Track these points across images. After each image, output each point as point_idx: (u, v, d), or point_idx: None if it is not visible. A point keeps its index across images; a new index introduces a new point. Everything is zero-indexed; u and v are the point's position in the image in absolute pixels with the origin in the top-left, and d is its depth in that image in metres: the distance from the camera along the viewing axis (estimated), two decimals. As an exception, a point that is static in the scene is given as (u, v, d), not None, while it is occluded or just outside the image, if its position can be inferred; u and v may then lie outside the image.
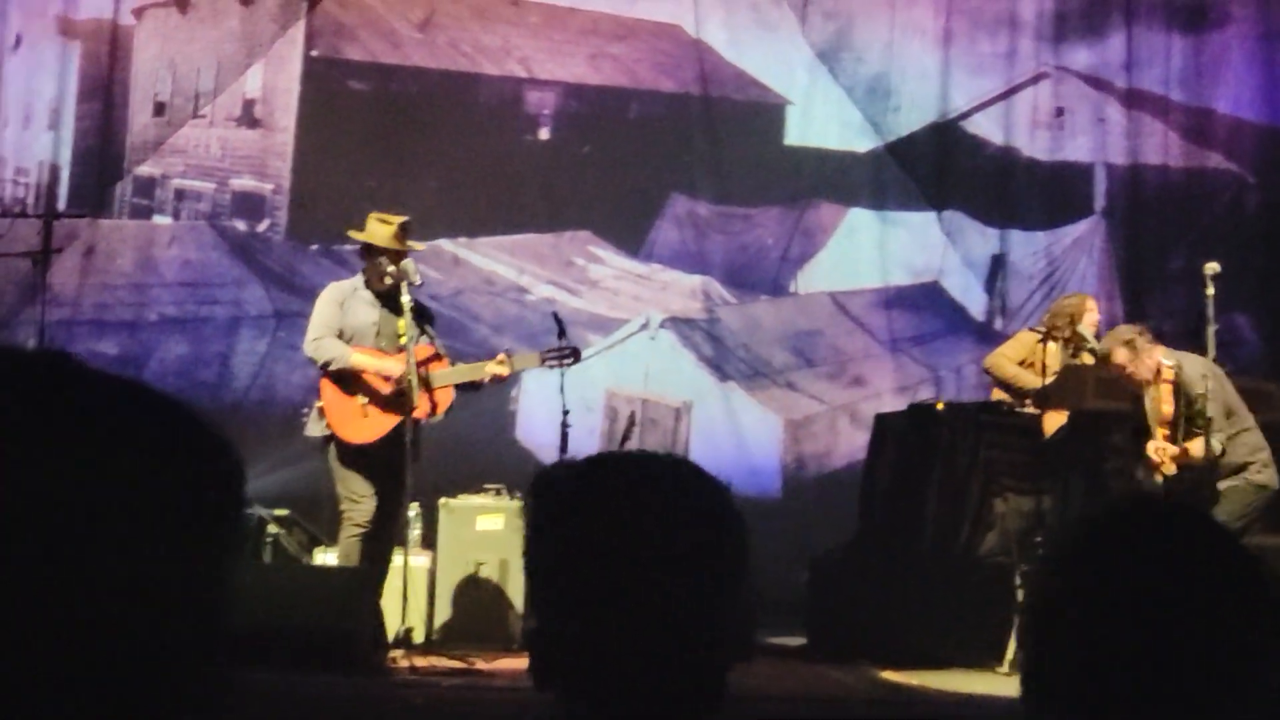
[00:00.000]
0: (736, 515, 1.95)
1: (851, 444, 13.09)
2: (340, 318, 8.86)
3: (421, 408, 8.68)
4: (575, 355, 9.27)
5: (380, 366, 8.72)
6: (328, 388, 8.81)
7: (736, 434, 13.48)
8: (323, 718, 6.63)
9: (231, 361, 12.99)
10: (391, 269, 8.73)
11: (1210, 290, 8.85)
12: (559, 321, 9.48)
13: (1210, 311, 8.81)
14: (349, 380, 8.75)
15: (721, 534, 1.90)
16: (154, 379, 12.60)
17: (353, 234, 9.14)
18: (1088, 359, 9.86)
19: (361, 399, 8.74)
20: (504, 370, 8.98)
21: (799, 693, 8.18)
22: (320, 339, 8.81)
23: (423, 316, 9.05)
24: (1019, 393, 10.04)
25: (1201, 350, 9.30)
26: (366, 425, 8.73)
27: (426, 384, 8.75)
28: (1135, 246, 13.91)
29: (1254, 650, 1.73)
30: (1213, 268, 8.93)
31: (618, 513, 1.85)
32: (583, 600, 1.81)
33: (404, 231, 8.96)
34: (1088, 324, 9.96)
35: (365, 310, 8.87)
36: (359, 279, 8.98)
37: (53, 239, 10.65)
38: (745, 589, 1.91)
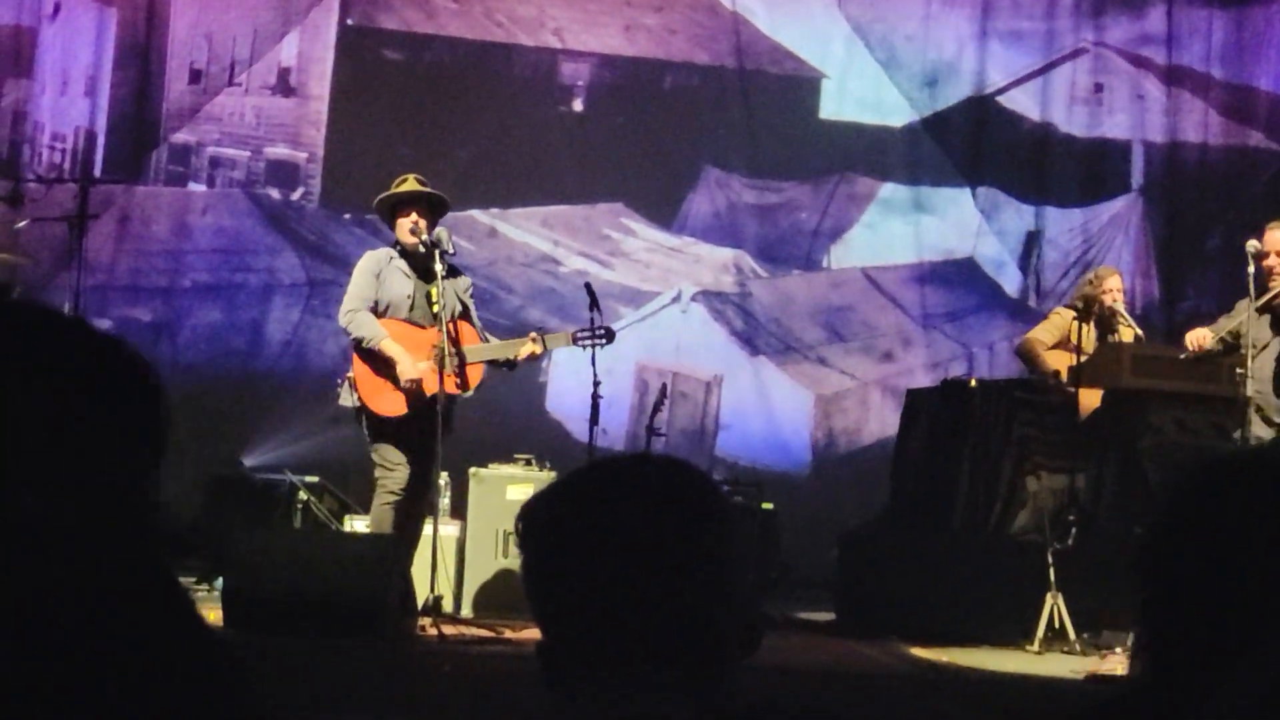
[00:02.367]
0: (723, 507, 1.94)
1: (882, 420, 13.07)
2: (375, 288, 8.84)
3: (451, 384, 8.66)
4: (609, 336, 9.23)
5: (405, 368, 8.66)
6: (359, 362, 8.80)
7: (767, 408, 13.47)
8: (351, 684, 6.63)
9: (264, 329, 13.02)
10: (424, 234, 8.69)
11: (1252, 269, 8.77)
12: (591, 294, 9.44)
13: (1253, 290, 8.73)
14: (380, 358, 8.73)
15: (708, 528, 1.90)
16: (187, 345, 12.69)
17: (376, 202, 9.08)
18: (1125, 335, 9.79)
19: (390, 377, 8.72)
20: (537, 349, 8.96)
21: (828, 668, 8.16)
22: (355, 312, 8.79)
23: (459, 282, 9.01)
24: (1046, 379, 9.97)
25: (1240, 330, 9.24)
26: (396, 399, 8.72)
27: (459, 359, 8.72)
28: (1173, 225, 13.84)
29: None
30: (1255, 246, 8.85)
31: (601, 525, 1.86)
32: (583, 613, 1.82)
33: (419, 182, 8.93)
34: (1110, 296, 9.86)
35: (400, 281, 8.84)
36: (394, 248, 8.95)
37: (88, 205, 10.68)
38: (743, 581, 1.93)
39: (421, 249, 8.73)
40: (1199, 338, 8.76)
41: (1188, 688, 1.78)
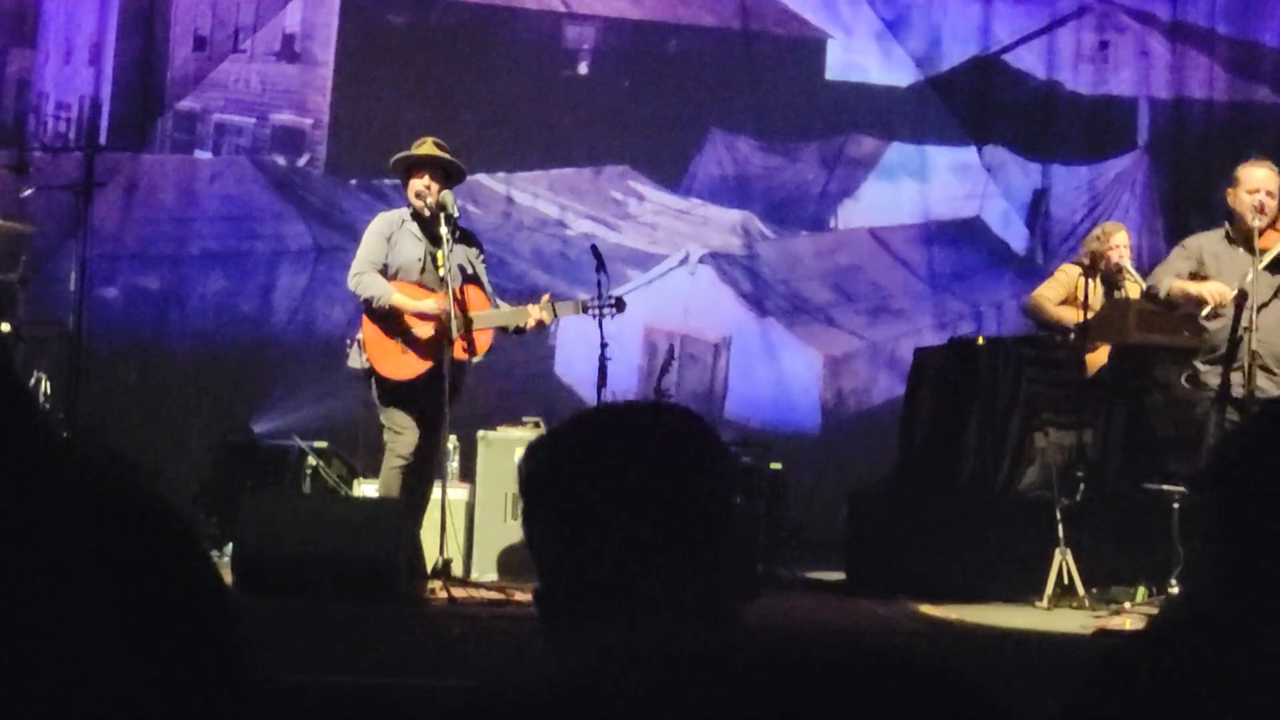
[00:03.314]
0: (723, 455, 1.95)
1: (891, 380, 13.07)
2: (385, 251, 8.84)
3: (459, 349, 8.65)
4: (619, 305, 9.23)
5: (419, 306, 8.69)
6: (368, 324, 8.81)
7: (776, 370, 13.47)
8: (360, 647, 6.66)
9: (272, 296, 13.02)
10: (431, 198, 8.69)
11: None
12: (598, 255, 9.43)
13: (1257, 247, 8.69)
14: (389, 318, 8.74)
15: (708, 475, 1.90)
16: (195, 313, 12.71)
17: (392, 162, 9.08)
18: (1132, 291, 9.77)
19: (400, 340, 8.73)
20: (546, 317, 8.97)
21: (838, 627, 8.17)
22: (362, 274, 8.80)
23: (470, 248, 9.01)
24: (1061, 332, 9.95)
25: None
26: (405, 363, 8.73)
27: (467, 324, 8.72)
28: (1178, 181, 13.80)
29: None
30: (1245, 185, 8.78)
31: (601, 468, 1.87)
32: (580, 557, 1.83)
33: (438, 147, 8.94)
34: (1117, 253, 9.83)
35: (411, 244, 8.84)
36: (407, 210, 8.94)
37: (94, 173, 10.69)
38: (741, 529, 1.94)
39: (427, 213, 8.73)
40: (1219, 294, 8.64)
41: (1258, 611, 1.78)
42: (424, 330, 8.71)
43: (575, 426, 1.96)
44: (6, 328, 10.10)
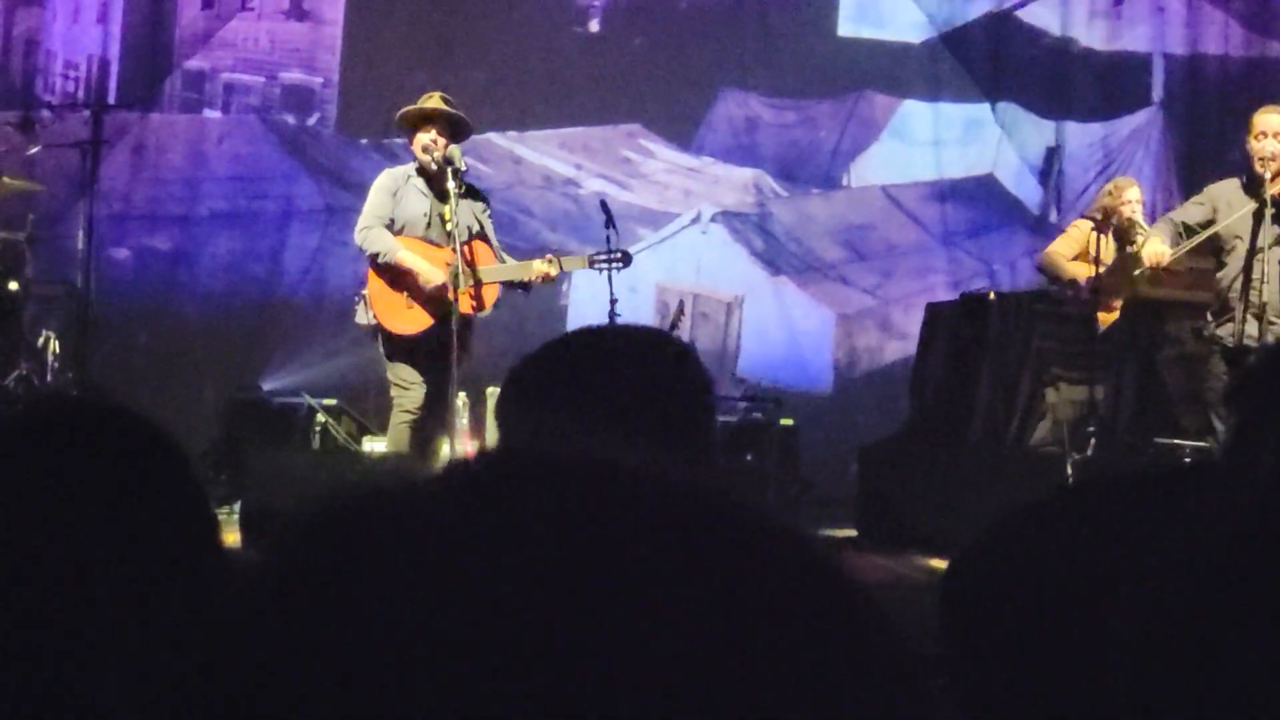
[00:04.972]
0: (702, 377, 1.91)
1: (904, 339, 13.01)
2: (392, 206, 8.81)
3: (466, 302, 8.63)
4: (625, 259, 9.19)
5: (425, 272, 8.64)
6: (374, 279, 8.78)
7: (788, 328, 13.44)
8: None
9: (283, 256, 13.00)
10: (437, 152, 8.65)
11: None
12: (607, 211, 9.41)
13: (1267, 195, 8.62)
14: (394, 273, 8.71)
15: (686, 396, 1.87)
16: (205, 274, 12.71)
17: (396, 118, 9.06)
18: (1142, 245, 9.72)
19: (406, 294, 8.70)
20: (552, 270, 8.93)
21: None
22: (369, 229, 8.77)
23: (476, 204, 8.98)
24: (1073, 287, 9.91)
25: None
26: (411, 317, 8.71)
27: (474, 279, 8.69)
28: (1193, 138, 13.72)
29: None
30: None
31: (579, 388, 1.83)
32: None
33: (445, 101, 8.91)
34: (1129, 208, 9.77)
35: (417, 200, 8.81)
36: (413, 166, 8.91)
37: (102, 132, 10.67)
38: (716, 451, 1.91)
39: (434, 167, 8.70)
40: (1156, 255, 8.59)
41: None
42: (426, 289, 8.69)
43: (555, 348, 1.92)
44: (15, 286, 10.11)
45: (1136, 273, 8.69)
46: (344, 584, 0.75)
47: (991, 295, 10.43)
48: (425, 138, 8.73)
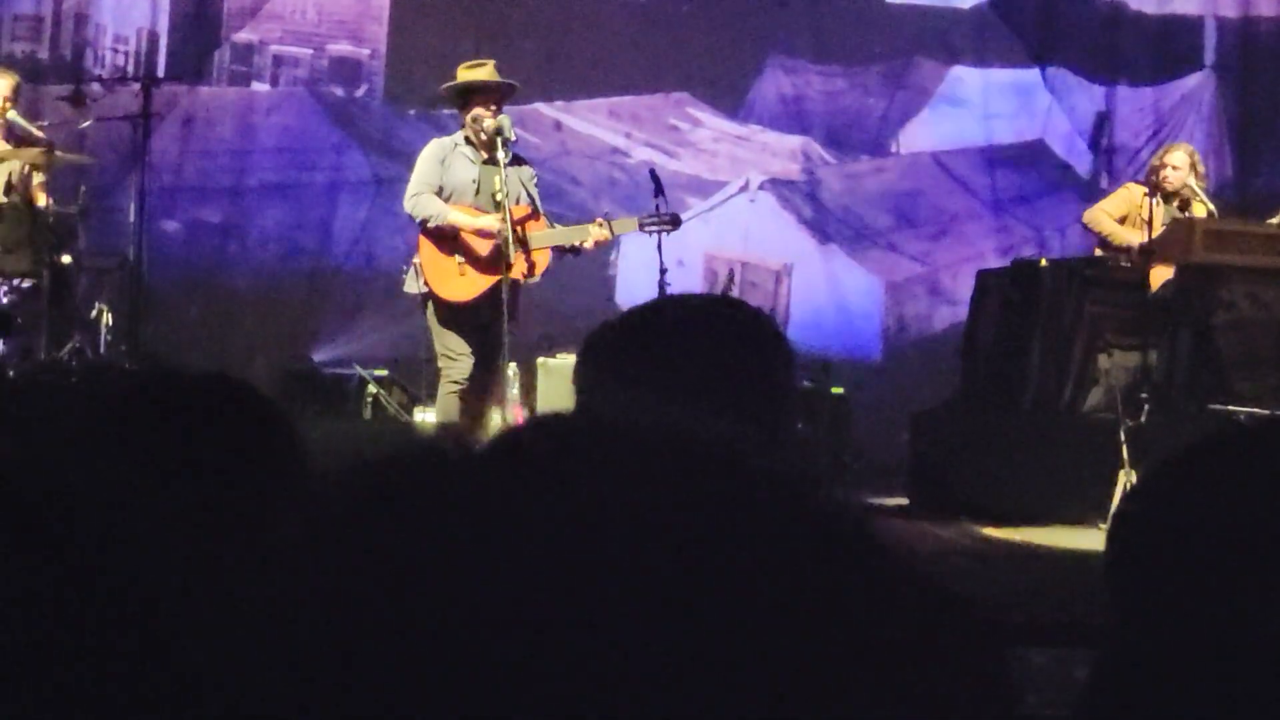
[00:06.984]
0: (784, 350, 1.90)
1: (954, 306, 12.97)
2: (440, 174, 8.84)
3: (518, 268, 8.65)
4: (675, 222, 9.23)
5: (477, 224, 8.68)
6: (425, 245, 8.80)
7: (837, 296, 13.40)
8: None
9: (332, 227, 13.03)
10: (489, 121, 8.67)
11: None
12: (656, 180, 9.43)
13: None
14: (446, 238, 8.73)
15: (767, 367, 1.85)
16: (255, 245, 12.75)
17: (445, 87, 9.08)
18: (1199, 210, 9.68)
19: (458, 258, 8.72)
20: (604, 234, 8.95)
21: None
22: (419, 195, 8.80)
23: (524, 170, 9.00)
24: (1116, 249, 9.89)
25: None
26: (463, 284, 8.72)
27: (524, 245, 8.70)
28: (1246, 102, 13.62)
29: None
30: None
31: (660, 358, 1.82)
32: None
33: (498, 71, 8.95)
34: (1169, 171, 9.73)
35: (465, 167, 8.84)
36: (460, 135, 8.94)
37: (152, 105, 10.72)
38: (795, 425, 1.90)
39: (484, 136, 8.71)
40: None
41: None
42: (482, 248, 8.70)
43: (634, 319, 1.91)
44: (68, 259, 10.16)
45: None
46: (388, 552, 0.76)
47: (1043, 262, 10.37)
48: (481, 110, 8.75)
